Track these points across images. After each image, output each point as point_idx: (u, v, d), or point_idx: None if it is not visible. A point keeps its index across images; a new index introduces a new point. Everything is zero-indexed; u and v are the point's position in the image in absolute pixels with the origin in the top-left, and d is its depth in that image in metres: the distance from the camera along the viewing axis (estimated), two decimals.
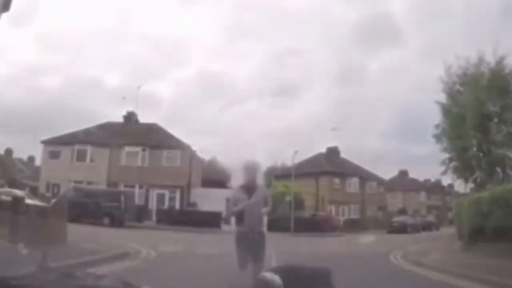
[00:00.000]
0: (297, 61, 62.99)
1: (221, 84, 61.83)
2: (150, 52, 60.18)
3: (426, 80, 57.24)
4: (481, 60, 19.02)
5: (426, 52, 61.24)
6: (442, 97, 20.54)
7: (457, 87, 19.94)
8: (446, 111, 20.15)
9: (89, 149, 29.52)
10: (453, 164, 20.40)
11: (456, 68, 19.64)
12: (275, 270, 2.88)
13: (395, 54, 60.76)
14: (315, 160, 38.45)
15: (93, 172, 28.28)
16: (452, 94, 20.10)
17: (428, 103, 56.57)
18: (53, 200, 16.73)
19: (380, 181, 41.64)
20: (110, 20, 57.37)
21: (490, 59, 18.82)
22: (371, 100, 60.48)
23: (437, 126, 20.67)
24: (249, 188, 4.75)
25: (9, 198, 11.01)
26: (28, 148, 60.41)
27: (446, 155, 20.56)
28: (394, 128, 67.09)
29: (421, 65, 60.74)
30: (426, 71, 58.65)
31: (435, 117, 21.11)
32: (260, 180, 4.94)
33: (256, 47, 64.31)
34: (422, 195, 50.19)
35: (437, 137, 20.75)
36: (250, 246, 4.71)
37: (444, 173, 20.90)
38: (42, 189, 28.85)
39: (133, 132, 30.27)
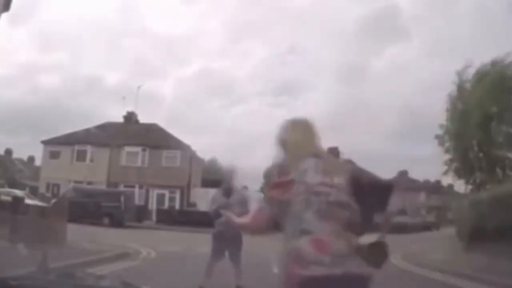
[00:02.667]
0: (298, 59, 62.99)
1: (222, 83, 61.88)
2: (151, 51, 60.23)
3: (428, 80, 57.26)
4: (495, 61, 19.01)
5: (428, 52, 61.22)
6: (444, 96, 20.57)
7: (469, 84, 19.96)
8: (452, 109, 20.13)
9: (89, 149, 29.53)
10: (454, 165, 20.40)
11: (475, 66, 19.69)
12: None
13: (396, 54, 60.79)
14: None
15: (93, 172, 28.27)
16: (461, 92, 20.09)
17: (429, 103, 56.57)
18: (53, 200, 16.74)
19: None
20: (110, 18, 57.36)
21: (501, 58, 18.80)
22: (372, 99, 60.52)
23: (441, 126, 20.64)
24: (227, 191, 5.15)
25: (9, 198, 11.02)
26: (28, 148, 60.49)
27: (447, 156, 20.56)
28: (395, 128, 67.12)
29: (423, 65, 60.78)
30: (428, 71, 58.72)
31: (437, 117, 21.12)
32: (236, 183, 5.31)
33: (258, 45, 64.31)
34: (422, 195, 50.15)
35: (440, 138, 20.75)
36: (227, 244, 5.10)
37: (446, 173, 20.93)
38: (42, 189, 28.87)
39: (133, 132, 30.28)
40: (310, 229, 1.79)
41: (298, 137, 2.03)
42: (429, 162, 64.93)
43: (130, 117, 32.07)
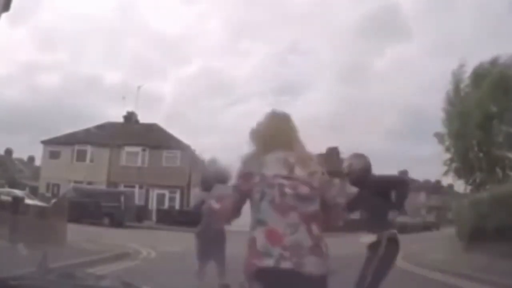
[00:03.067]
0: (299, 59, 62.84)
1: (223, 83, 61.66)
2: (151, 50, 60.07)
3: (428, 80, 57.27)
4: (494, 60, 18.98)
5: (429, 51, 61.26)
6: (445, 95, 20.54)
7: (465, 84, 19.94)
8: (451, 108, 20.11)
9: (89, 149, 29.54)
10: (454, 165, 20.38)
11: (472, 65, 19.66)
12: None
13: (397, 53, 60.79)
14: None
15: (93, 172, 28.28)
16: (458, 92, 20.07)
17: (430, 103, 56.58)
18: (53, 200, 16.73)
19: None
20: (110, 18, 57.31)
21: (502, 59, 18.77)
22: (372, 99, 60.41)
23: (443, 121, 20.54)
24: (207, 186, 4.74)
25: (9, 198, 11.01)
26: (28, 148, 60.49)
27: (447, 156, 20.54)
28: (395, 128, 67.05)
29: (424, 64, 60.73)
30: (428, 71, 58.63)
31: (438, 117, 21.09)
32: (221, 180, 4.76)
33: (258, 45, 64.07)
34: (422, 195, 50.16)
35: (439, 136, 20.72)
36: (210, 243, 4.75)
37: (446, 173, 20.91)
38: (42, 189, 28.86)
39: (133, 132, 30.27)
40: (265, 220, 1.82)
41: (267, 130, 2.05)
42: (429, 162, 64.97)
43: (130, 117, 32.07)
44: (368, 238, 3.71)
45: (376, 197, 3.60)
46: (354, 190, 3.96)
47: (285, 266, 1.73)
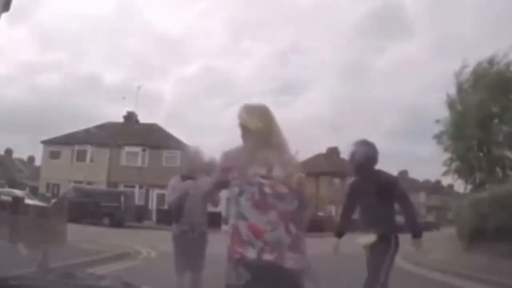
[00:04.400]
0: (300, 59, 62.87)
1: (223, 82, 61.67)
2: (151, 50, 60.09)
3: (429, 80, 57.28)
4: (491, 60, 18.90)
5: (429, 51, 61.25)
6: (446, 96, 20.49)
7: (467, 85, 19.86)
8: (451, 109, 20.06)
9: (89, 149, 29.55)
10: (454, 164, 20.34)
11: (472, 65, 19.56)
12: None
13: (398, 53, 60.80)
14: (315, 160, 38.48)
15: (93, 172, 28.28)
16: (460, 92, 20.01)
17: (430, 103, 56.54)
18: (53, 200, 16.73)
19: None
20: (110, 18, 57.34)
21: (500, 59, 18.68)
22: (373, 99, 60.46)
23: (444, 123, 20.41)
24: (188, 176, 4.07)
25: (9, 198, 11.02)
26: (28, 148, 60.50)
27: (447, 155, 20.49)
28: (395, 128, 67.09)
29: (425, 64, 60.78)
30: (429, 71, 58.69)
31: (438, 117, 21.03)
32: (205, 170, 3.94)
33: (259, 44, 64.14)
34: (422, 196, 50.16)
35: (438, 138, 20.67)
36: (189, 249, 3.98)
37: (446, 174, 20.87)
38: (42, 189, 28.87)
39: (133, 132, 30.27)
40: (245, 215, 1.88)
41: (241, 124, 2.04)
42: (429, 162, 64.95)
43: (130, 117, 32.07)
44: (367, 238, 3.66)
45: (382, 193, 3.47)
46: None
47: (266, 258, 1.82)
